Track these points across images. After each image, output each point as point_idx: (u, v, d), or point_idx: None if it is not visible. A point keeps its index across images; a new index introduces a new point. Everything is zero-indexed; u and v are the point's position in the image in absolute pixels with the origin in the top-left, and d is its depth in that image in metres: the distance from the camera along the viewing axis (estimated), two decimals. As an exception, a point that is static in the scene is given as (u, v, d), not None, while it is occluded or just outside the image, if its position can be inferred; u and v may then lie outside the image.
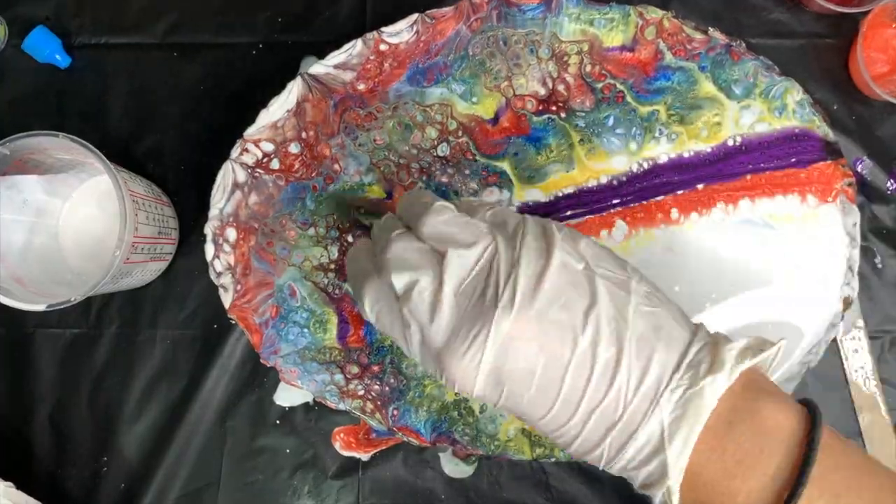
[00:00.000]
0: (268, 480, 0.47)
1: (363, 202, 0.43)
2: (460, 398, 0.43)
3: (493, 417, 0.42)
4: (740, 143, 0.43)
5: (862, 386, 0.46)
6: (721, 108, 0.43)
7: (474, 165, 0.43)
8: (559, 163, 0.43)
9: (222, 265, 0.41)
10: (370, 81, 0.42)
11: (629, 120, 0.43)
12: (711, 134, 0.43)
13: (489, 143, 0.43)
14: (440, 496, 0.47)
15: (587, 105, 0.43)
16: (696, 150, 0.43)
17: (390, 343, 0.43)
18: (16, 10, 0.50)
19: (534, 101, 0.43)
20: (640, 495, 0.47)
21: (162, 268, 0.48)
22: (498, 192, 0.43)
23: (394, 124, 0.43)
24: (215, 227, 0.41)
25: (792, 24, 0.49)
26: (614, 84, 0.43)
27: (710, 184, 0.43)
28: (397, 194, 0.43)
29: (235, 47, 0.50)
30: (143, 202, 0.43)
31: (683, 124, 0.43)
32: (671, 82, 0.43)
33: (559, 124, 0.43)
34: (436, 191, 0.43)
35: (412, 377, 0.43)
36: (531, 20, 0.42)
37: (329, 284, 0.43)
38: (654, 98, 0.43)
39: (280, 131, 0.41)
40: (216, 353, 0.48)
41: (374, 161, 0.43)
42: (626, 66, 0.43)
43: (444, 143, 0.43)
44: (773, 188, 0.42)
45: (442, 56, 0.42)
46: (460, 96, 0.43)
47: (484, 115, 0.43)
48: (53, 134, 0.39)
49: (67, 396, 0.48)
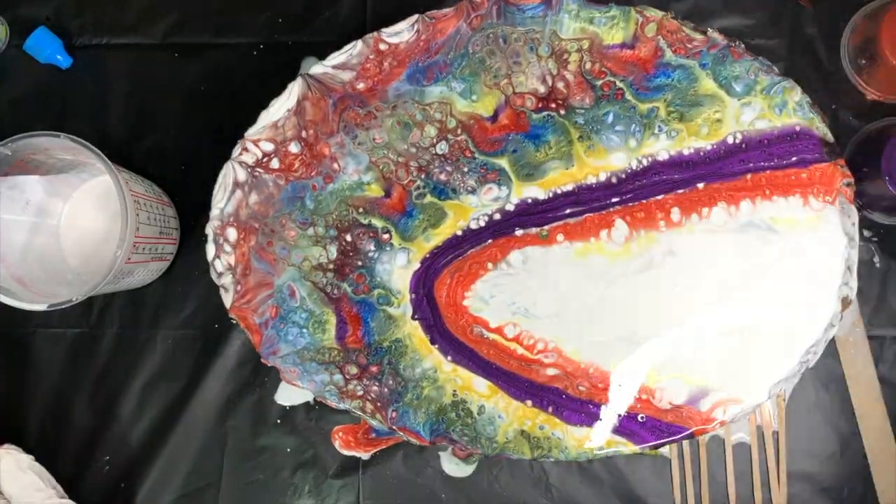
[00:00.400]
0: (268, 480, 0.47)
1: (361, 201, 0.43)
2: (458, 399, 0.43)
3: (492, 419, 0.43)
4: (741, 140, 0.43)
5: (860, 386, 0.47)
6: (722, 105, 0.43)
7: (473, 163, 0.43)
8: (558, 160, 0.43)
9: (223, 265, 0.41)
10: (370, 80, 0.42)
11: (629, 117, 0.43)
12: (712, 131, 0.43)
13: (488, 141, 0.43)
14: (440, 495, 0.47)
15: (587, 102, 0.43)
16: (697, 146, 0.43)
17: (388, 344, 0.43)
18: (17, 10, 0.50)
19: (533, 99, 0.43)
20: (639, 496, 0.47)
21: (163, 268, 0.48)
22: (497, 189, 0.43)
23: (393, 123, 0.43)
24: (216, 227, 0.41)
25: (791, 24, 0.49)
26: (614, 82, 0.43)
27: (711, 182, 0.43)
28: (395, 193, 0.43)
29: (235, 47, 0.50)
30: (144, 202, 0.43)
31: (683, 122, 0.43)
32: (671, 80, 0.43)
33: (558, 121, 0.43)
34: (434, 189, 0.43)
35: (410, 379, 0.43)
36: (531, 18, 0.42)
37: (328, 284, 0.43)
38: (654, 95, 0.43)
39: (280, 131, 0.42)
40: (217, 353, 0.48)
41: (372, 160, 0.43)
42: (626, 64, 0.43)
43: (443, 142, 0.43)
44: (774, 189, 0.42)
45: (442, 54, 0.43)
46: (460, 94, 0.43)
47: (483, 113, 0.43)
48: (55, 134, 0.39)
49: (68, 396, 0.48)
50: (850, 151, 0.48)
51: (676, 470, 0.47)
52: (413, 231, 0.43)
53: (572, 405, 0.42)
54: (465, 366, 0.43)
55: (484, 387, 0.43)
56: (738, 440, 0.47)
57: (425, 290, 0.43)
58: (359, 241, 0.43)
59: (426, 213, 0.43)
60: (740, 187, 0.43)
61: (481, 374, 0.43)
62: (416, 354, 0.43)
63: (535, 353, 0.43)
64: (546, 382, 0.43)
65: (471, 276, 0.43)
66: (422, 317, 0.43)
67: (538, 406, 0.42)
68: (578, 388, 0.42)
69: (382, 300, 0.43)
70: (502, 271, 0.43)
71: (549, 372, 0.43)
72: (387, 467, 0.47)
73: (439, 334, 0.43)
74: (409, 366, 0.43)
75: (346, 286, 0.43)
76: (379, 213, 0.43)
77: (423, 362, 0.43)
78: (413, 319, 0.43)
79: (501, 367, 0.43)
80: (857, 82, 0.49)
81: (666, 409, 0.42)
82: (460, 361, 0.43)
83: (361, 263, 0.43)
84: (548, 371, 0.43)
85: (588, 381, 0.42)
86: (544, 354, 0.43)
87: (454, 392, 0.43)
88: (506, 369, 0.43)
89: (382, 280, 0.43)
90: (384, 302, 0.43)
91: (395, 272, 0.43)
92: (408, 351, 0.43)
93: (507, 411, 0.43)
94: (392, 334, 0.43)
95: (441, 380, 0.43)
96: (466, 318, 0.43)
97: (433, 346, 0.43)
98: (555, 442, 0.42)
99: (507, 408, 0.43)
